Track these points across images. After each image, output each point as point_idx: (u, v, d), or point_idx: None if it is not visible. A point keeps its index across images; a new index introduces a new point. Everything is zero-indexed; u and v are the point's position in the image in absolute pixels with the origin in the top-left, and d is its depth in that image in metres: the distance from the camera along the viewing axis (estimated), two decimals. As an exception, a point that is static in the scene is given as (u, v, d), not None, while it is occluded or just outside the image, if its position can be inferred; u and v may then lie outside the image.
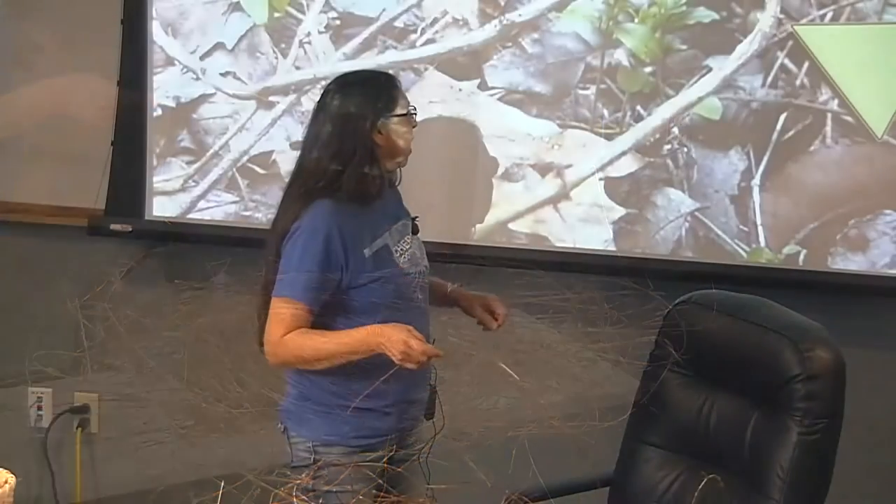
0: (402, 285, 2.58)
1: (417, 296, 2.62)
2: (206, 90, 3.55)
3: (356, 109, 2.55)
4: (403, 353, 2.44)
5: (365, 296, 2.55)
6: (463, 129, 3.49)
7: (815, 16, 3.36)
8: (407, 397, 2.64)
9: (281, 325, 2.53)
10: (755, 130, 3.44)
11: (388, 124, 2.55)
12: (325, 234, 2.51)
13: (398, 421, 2.64)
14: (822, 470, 2.59)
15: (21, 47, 3.62)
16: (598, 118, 3.46)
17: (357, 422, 2.59)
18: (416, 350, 2.44)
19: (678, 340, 2.81)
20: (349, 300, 2.55)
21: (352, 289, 2.54)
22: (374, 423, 2.61)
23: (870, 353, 3.56)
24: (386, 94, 2.56)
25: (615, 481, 2.88)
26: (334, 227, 2.52)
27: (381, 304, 2.55)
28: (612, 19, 3.41)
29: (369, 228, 2.57)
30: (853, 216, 3.46)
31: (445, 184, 3.52)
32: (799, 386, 2.55)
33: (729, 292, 2.83)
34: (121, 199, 3.60)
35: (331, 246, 2.51)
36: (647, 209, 3.50)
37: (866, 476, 3.64)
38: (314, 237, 2.51)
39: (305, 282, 2.52)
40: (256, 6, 3.49)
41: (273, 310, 2.54)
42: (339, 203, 2.54)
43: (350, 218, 2.54)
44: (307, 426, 2.64)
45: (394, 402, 2.61)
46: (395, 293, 2.57)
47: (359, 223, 2.55)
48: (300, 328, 2.53)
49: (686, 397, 2.79)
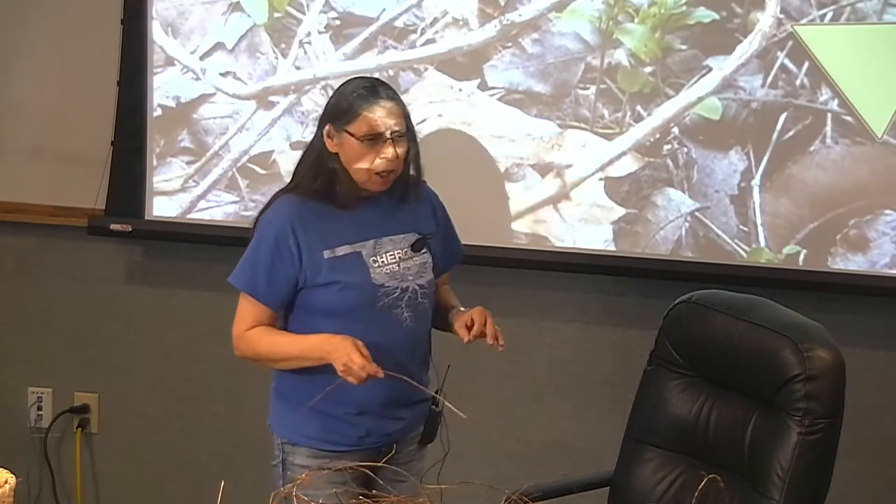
0: (370, 297, 2.54)
1: (401, 313, 2.57)
2: (206, 90, 3.55)
3: (322, 111, 2.56)
4: (345, 365, 2.42)
5: (323, 298, 2.53)
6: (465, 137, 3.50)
7: (815, 16, 3.36)
8: (377, 410, 2.60)
9: (243, 319, 2.57)
10: (755, 130, 3.43)
11: (340, 136, 2.50)
12: (278, 227, 2.52)
13: (365, 432, 2.60)
14: (822, 470, 2.59)
15: (21, 47, 3.63)
16: (598, 118, 3.46)
17: (322, 426, 2.58)
18: (357, 365, 2.41)
19: (678, 340, 2.81)
20: (309, 300, 2.55)
21: (310, 288, 2.53)
22: (340, 429, 2.58)
23: (870, 353, 3.56)
24: (349, 105, 2.49)
25: (615, 481, 2.88)
26: (288, 222, 2.52)
27: (340, 309, 2.53)
28: (612, 19, 3.41)
29: (338, 233, 2.54)
30: (853, 216, 3.45)
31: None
32: (799, 386, 2.55)
33: (729, 292, 2.83)
34: (121, 199, 3.61)
35: (282, 240, 2.51)
36: (647, 209, 3.50)
37: (866, 476, 3.64)
38: (268, 229, 2.54)
39: (251, 274, 2.54)
40: (256, 6, 3.49)
41: (238, 304, 2.57)
42: (306, 200, 2.53)
43: (315, 217, 2.53)
44: (279, 423, 2.66)
45: (359, 411, 2.58)
46: (359, 303, 2.53)
47: (326, 224, 2.53)
48: (262, 324, 2.55)
49: (686, 397, 2.79)
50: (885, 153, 3.42)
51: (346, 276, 2.53)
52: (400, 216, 2.62)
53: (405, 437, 2.68)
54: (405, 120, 2.53)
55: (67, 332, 3.80)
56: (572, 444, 3.73)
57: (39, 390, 3.84)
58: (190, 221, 3.61)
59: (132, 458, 3.86)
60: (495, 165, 3.51)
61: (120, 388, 3.82)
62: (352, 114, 2.48)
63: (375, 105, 2.48)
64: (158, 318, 3.75)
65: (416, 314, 2.60)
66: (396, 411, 2.63)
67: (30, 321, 3.80)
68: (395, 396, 2.59)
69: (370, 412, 2.59)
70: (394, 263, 2.57)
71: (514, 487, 2.04)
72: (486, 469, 3.71)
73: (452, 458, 3.74)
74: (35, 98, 3.67)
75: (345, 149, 2.51)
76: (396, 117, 2.50)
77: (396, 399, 2.60)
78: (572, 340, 3.69)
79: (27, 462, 3.84)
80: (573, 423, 3.74)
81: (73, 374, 3.82)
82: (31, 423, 3.85)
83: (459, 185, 3.53)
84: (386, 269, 2.56)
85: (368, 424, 2.60)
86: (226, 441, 3.78)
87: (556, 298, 3.68)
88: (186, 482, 3.83)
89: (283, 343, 2.57)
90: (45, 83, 3.65)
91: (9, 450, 3.78)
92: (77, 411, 3.83)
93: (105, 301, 3.77)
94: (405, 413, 2.65)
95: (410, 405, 2.65)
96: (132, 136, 3.57)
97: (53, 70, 3.64)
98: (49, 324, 3.80)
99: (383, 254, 2.57)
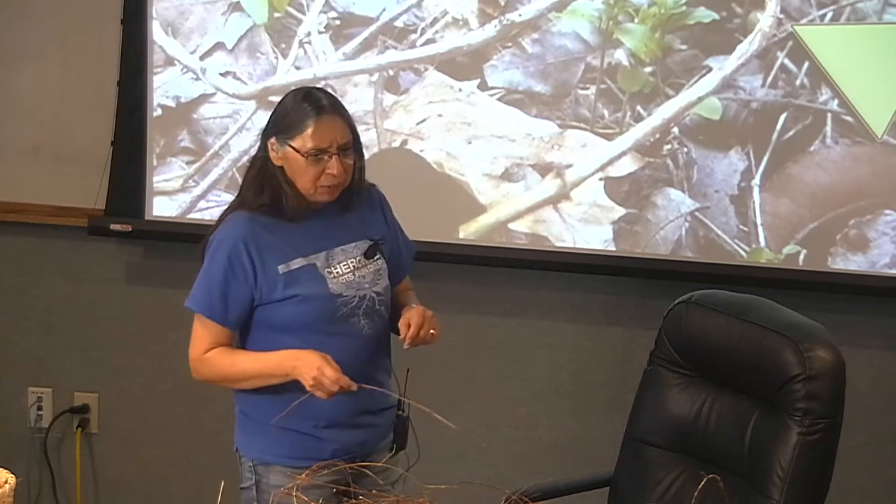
0: (328, 308, 2.50)
1: (358, 321, 2.54)
2: (206, 90, 3.55)
3: (266, 124, 2.52)
4: (315, 379, 2.39)
5: (282, 313, 2.50)
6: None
7: (815, 16, 3.36)
8: (347, 421, 2.56)
9: (200, 341, 2.52)
10: (755, 130, 3.44)
11: (284, 150, 2.46)
12: (231, 246, 2.48)
13: (339, 444, 2.56)
14: (822, 470, 2.59)
15: (21, 47, 3.62)
16: (598, 118, 3.46)
17: (293, 443, 2.54)
18: (329, 378, 2.39)
19: (678, 340, 2.81)
20: (268, 316, 2.51)
21: (266, 305, 2.50)
22: (312, 444, 2.54)
23: (870, 353, 3.57)
24: (293, 120, 2.45)
25: (615, 481, 2.88)
26: (240, 240, 2.47)
27: (300, 323, 2.49)
28: (612, 19, 3.41)
29: (291, 245, 2.50)
30: (853, 216, 3.45)
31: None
32: (799, 386, 2.55)
33: (729, 292, 2.83)
34: (121, 199, 3.60)
35: (234, 258, 2.47)
36: (647, 209, 3.50)
37: (866, 476, 3.64)
38: (220, 248, 2.49)
39: (206, 296, 2.50)
40: (256, 6, 3.49)
41: (193, 326, 2.53)
42: (256, 216, 2.49)
43: (266, 232, 2.49)
44: (248, 446, 2.61)
45: (328, 424, 2.54)
46: (318, 315, 2.50)
47: (277, 238, 2.50)
48: (220, 344, 2.51)
49: (686, 397, 2.79)
50: (885, 153, 3.42)
51: (303, 288, 2.49)
52: (349, 224, 2.58)
53: (377, 447, 2.63)
54: (350, 132, 2.49)
55: (67, 332, 3.80)
56: (572, 444, 3.73)
57: (39, 390, 3.84)
58: (190, 221, 3.61)
59: (132, 458, 3.86)
60: (496, 165, 3.51)
61: (120, 388, 3.82)
62: (295, 129, 2.44)
63: (319, 120, 2.44)
64: (158, 318, 3.75)
65: (373, 321, 2.57)
66: (365, 419, 2.59)
67: (30, 321, 3.80)
68: (362, 405, 2.55)
69: (339, 424, 2.55)
70: (348, 273, 2.54)
71: (514, 487, 2.04)
72: (486, 469, 3.71)
73: (452, 458, 3.75)
74: (35, 98, 3.67)
75: (290, 163, 2.47)
76: (341, 131, 2.46)
77: (364, 408, 2.57)
78: (572, 340, 3.69)
79: (27, 462, 3.84)
80: (573, 423, 3.74)
81: (72, 374, 3.82)
82: (31, 423, 3.85)
83: (459, 185, 3.54)
84: (342, 279, 2.52)
85: (340, 436, 2.56)
86: (226, 441, 3.77)
87: (556, 298, 3.68)
88: (186, 482, 3.83)
89: (244, 363, 2.52)
90: (45, 83, 3.65)
91: (9, 450, 3.78)
92: (77, 411, 3.83)
93: (105, 301, 3.77)
94: (375, 420, 2.61)
95: (378, 412, 2.61)
96: (132, 136, 3.57)
97: (53, 70, 3.64)
98: (49, 324, 3.80)
99: (336, 264, 2.53)
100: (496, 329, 3.69)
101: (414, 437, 2.63)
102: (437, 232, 3.51)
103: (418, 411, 2.68)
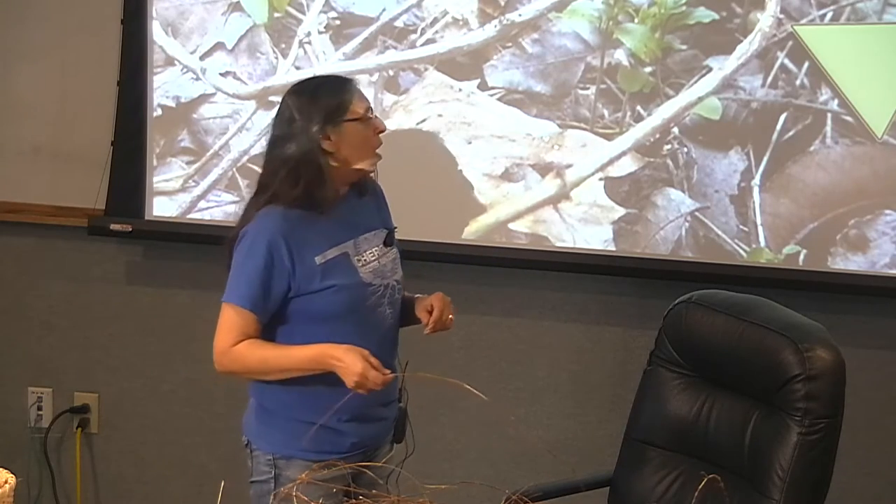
0: (360, 297, 2.54)
1: (384, 310, 2.58)
2: (206, 90, 3.55)
3: (301, 116, 2.51)
4: (359, 381, 2.42)
5: (318, 304, 2.52)
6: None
7: (815, 16, 3.36)
8: (367, 413, 2.59)
9: (229, 333, 2.52)
10: (755, 130, 3.44)
11: (340, 130, 2.50)
12: (269, 239, 2.49)
13: (357, 437, 2.59)
14: (822, 470, 2.59)
15: (21, 47, 3.62)
16: (598, 118, 3.46)
17: (315, 436, 2.51)
18: (372, 379, 2.42)
19: (678, 340, 2.81)
20: (302, 308, 2.53)
21: (302, 296, 2.51)
22: (332, 438, 2.56)
23: (870, 353, 3.56)
24: (336, 98, 2.51)
25: (615, 481, 2.88)
26: (279, 234, 2.49)
27: (334, 313, 2.51)
28: (612, 19, 3.41)
29: (325, 236, 2.53)
30: (853, 216, 3.46)
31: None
32: (799, 386, 2.55)
33: (729, 292, 2.83)
34: (121, 199, 3.60)
35: (275, 252, 2.49)
36: (647, 209, 3.50)
37: (866, 476, 3.64)
38: (258, 243, 2.50)
39: (248, 288, 2.50)
40: (256, 6, 3.49)
41: (222, 317, 2.54)
42: (288, 210, 2.51)
43: (300, 225, 2.51)
44: (266, 439, 2.61)
45: (350, 418, 2.56)
46: (351, 304, 2.53)
47: (311, 230, 2.52)
48: (249, 336, 2.52)
49: (686, 397, 2.79)
50: (885, 153, 3.42)
51: (339, 278, 2.52)
52: (366, 213, 2.63)
53: (384, 440, 2.67)
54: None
55: (67, 332, 3.80)
56: (572, 444, 3.73)
57: (39, 390, 3.84)
58: (190, 221, 3.61)
59: (132, 458, 3.86)
60: (496, 165, 3.51)
61: (120, 388, 3.82)
62: (344, 104, 2.51)
63: (352, 88, 2.55)
64: (158, 318, 3.75)
65: (394, 310, 2.62)
66: (381, 412, 2.63)
67: (30, 321, 3.80)
68: (381, 397, 2.58)
69: (359, 417, 2.58)
70: (374, 261, 2.58)
71: (514, 487, 2.04)
72: (486, 469, 3.71)
73: (453, 458, 3.75)
74: (35, 98, 3.66)
75: (347, 139, 2.50)
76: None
77: (381, 400, 2.60)
78: (572, 340, 3.69)
79: (27, 462, 3.84)
80: (573, 423, 3.74)
81: (73, 374, 3.82)
82: (31, 423, 3.85)
83: (459, 185, 3.54)
84: (369, 268, 2.57)
85: (358, 430, 2.59)
86: (226, 441, 3.78)
87: (556, 298, 3.68)
88: (186, 482, 3.83)
89: (276, 357, 2.53)
90: (45, 83, 3.65)
91: (9, 450, 3.78)
92: (77, 411, 3.83)
93: (105, 301, 3.77)
94: (386, 413, 2.65)
95: (388, 404, 2.65)
96: (132, 136, 3.57)
97: (53, 70, 3.64)
98: (49, 324, 3.80)
99: (364, 252, 2.57)
100: (496, 329, 3.69)
101: (410, 430, 2.66)
102: (437, 232, 3.52)
103: (416, 411, 2.69)
